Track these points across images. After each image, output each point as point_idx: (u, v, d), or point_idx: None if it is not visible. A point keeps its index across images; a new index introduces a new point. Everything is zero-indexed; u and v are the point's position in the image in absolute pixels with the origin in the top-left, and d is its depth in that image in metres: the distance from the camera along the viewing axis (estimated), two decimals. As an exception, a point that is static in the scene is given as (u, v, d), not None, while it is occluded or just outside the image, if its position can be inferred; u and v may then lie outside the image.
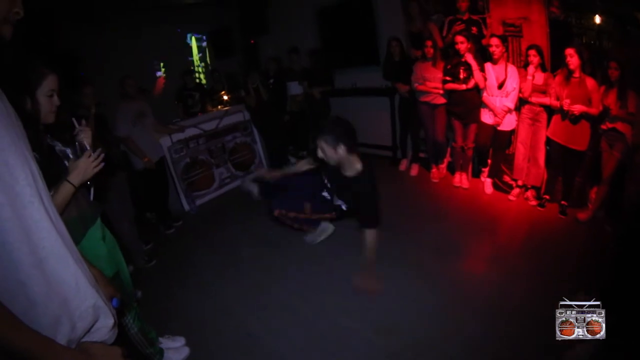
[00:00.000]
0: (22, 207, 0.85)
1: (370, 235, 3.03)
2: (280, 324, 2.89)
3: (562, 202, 3.96)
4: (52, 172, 1.69)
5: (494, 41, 4.00)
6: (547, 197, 4.10)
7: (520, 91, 3.97)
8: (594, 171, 3.78)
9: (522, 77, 3.93)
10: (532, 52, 3.76)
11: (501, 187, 4.59)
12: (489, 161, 4.65)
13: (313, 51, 6.26)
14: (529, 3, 4.14)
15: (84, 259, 1.09)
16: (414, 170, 5.49)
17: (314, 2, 6.64)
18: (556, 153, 3.89)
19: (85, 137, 1.89)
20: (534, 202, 4.18)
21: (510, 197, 4.34)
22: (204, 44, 8.28)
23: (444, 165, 5.27)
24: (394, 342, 2.57)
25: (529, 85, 3.82)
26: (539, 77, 3.83)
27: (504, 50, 4.04)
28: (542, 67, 3.84)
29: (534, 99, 3.88)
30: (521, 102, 4.08)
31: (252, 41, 8.04)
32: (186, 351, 2.73)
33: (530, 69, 3.79)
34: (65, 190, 1.69)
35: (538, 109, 3.94)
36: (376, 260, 3.11)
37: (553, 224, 3.82)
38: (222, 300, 3.28)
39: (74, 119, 1.93)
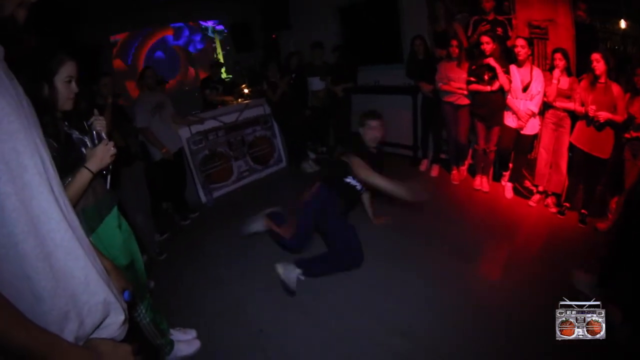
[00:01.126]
0: (30, 197, 0.82)
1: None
2: (293, 321, 2.89)
3: (582, 211, 3.86)
4: (70, 160, 1.69)
5: (520, 42, 3.91)
6: (568, 204, 4.00)
7: (544, 95, 3.87)
8: (616, 180, 3.68)
9: (547, 81, 3.84)
10: (558, 55, 3.67)
11: (521, 192, 4.50)
12: (510, 165, 4.57)
13: (337, 47, 6.20)
14: (555, 5, 4.03)
15: (97, 251, 1.07)
16: (435, 171, 5.42)
17: (337, -1, 6.59)
18: (579, 160, 3.80)
19: (100, 126, 1.88)
20: (553, 209, 4.09)
21: (531, 203, 4.26)
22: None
23: (464, 168, 5.20)
24: (405, 344, 2.56)
25: (553, 90, 3.72)
26: (564, 82, 3.74)
27: (529, 52, 3.94)
28: (567, 71, 3.74)
29: (558, 104, 3.79)
30: (545, 107, 3.98)
31: (273, 36, 8.02)
32: (197, 344, 2.73)
33: (556, 72, 3.69)
34: (83, 177, 1.70)
35: (562, 114, 3.84)
36: (390, 257, 3.22)
37: (572, 232, 3.73)
38: (235, 294, 3.29)
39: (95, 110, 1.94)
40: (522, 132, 4.15)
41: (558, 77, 3.69)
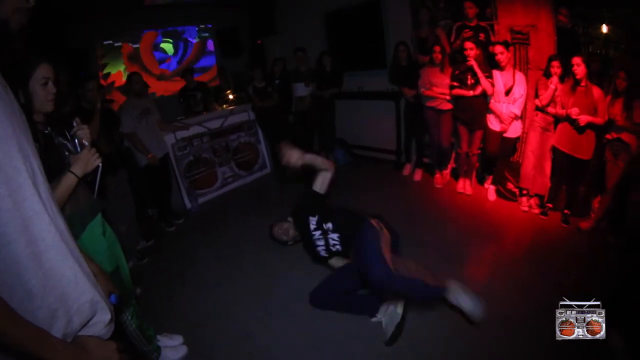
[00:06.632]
0: (23, 199, 0.85)
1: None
2: (280, 326, 2.88)
3: (565, 211, 3.93)
4: (51, 164, 1.68)
5: (498, 49, 3.98)
6: (550, 205, 4.08)
7: (537, 97, 3.93)
8: (598, 181, 3.78)
9: (543, 86, 3.86)
10: (556, 63, 3.68)
11: (504, 195, 4.56)
12: (494, 168, 4.64)
13: (323, 53, 6.22)
14: (537, 11, 4.11)
15: (84, 255, 1.08)
16: (418, 175, 5.47)
17: (323, 5, 6.64)
18: (561, 161, 3.87)
19: (83, 134, 1.88)
20: (537, 210, 4.16)
21: (523, 208, 4.27)
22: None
23: (447, 171, 5.26)
24: (393, 347, 2.56)
25: (549, 95, 3.74)
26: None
27: (510, 56, 4.02)
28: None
29: (550, 109, 3.83)
30: (535, 110, 4.05)
31: (259, 41, 8.03)
32: (184, 350, 2.71)
33: (554, 79, 3.70)
34: (69, 181, 1.70)
35: (551, 118, 3.90)
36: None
37: (555, 232, 3.80)
38: (221, 300, 3.28)
39: (76, 119, 1.92)
40: (505, 135, 4.23)
41: (556, 84, 3.70)
